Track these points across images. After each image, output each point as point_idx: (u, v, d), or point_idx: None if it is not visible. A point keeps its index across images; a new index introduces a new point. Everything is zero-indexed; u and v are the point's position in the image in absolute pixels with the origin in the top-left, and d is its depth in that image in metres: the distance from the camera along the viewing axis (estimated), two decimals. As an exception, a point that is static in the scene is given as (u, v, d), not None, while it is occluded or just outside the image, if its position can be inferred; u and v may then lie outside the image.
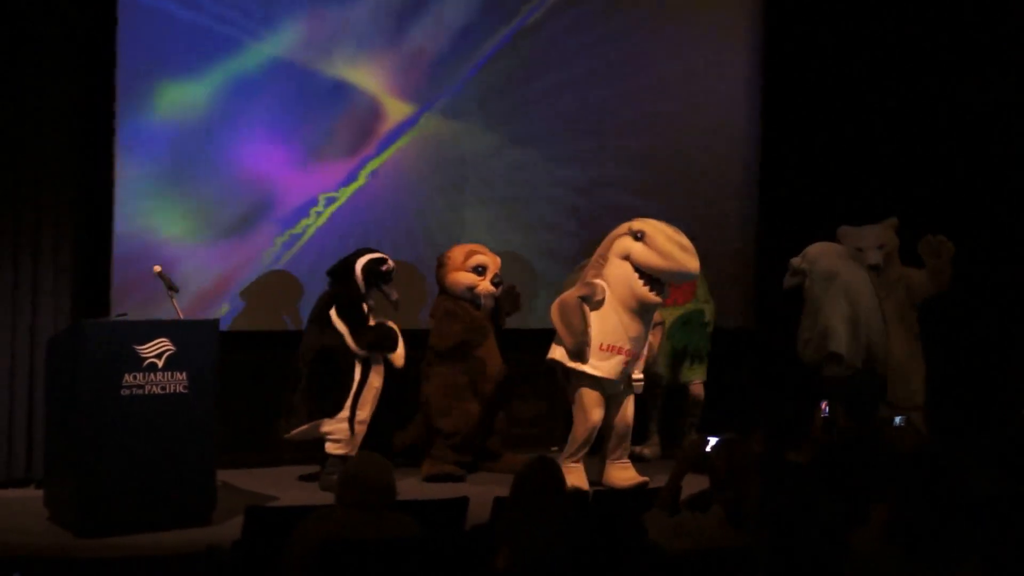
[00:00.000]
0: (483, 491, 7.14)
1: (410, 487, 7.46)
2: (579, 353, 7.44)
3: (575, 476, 7.32)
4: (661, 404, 8.94)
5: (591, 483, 7.48)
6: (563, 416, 8.35)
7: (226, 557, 4.91)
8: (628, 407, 7.69)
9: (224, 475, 7.12)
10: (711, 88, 9.61)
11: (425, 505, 5.26)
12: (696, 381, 8.86)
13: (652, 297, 7.38)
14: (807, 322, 8.43)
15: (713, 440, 4.77)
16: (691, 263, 7.36)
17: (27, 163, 7.48)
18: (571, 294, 7.52)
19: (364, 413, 7.59)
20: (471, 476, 8.01)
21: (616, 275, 7.45)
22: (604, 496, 6.57)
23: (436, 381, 8.11)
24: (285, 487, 7.51)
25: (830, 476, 5.32)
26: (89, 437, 6.31)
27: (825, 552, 3.75)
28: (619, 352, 7.44)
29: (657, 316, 7.76)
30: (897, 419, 7.01)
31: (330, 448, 7.54)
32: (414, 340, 8.05)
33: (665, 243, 7.31)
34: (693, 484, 4.95)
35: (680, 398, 8.93)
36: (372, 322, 7.69)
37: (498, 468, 8.07)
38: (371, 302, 7.74)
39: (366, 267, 7.66)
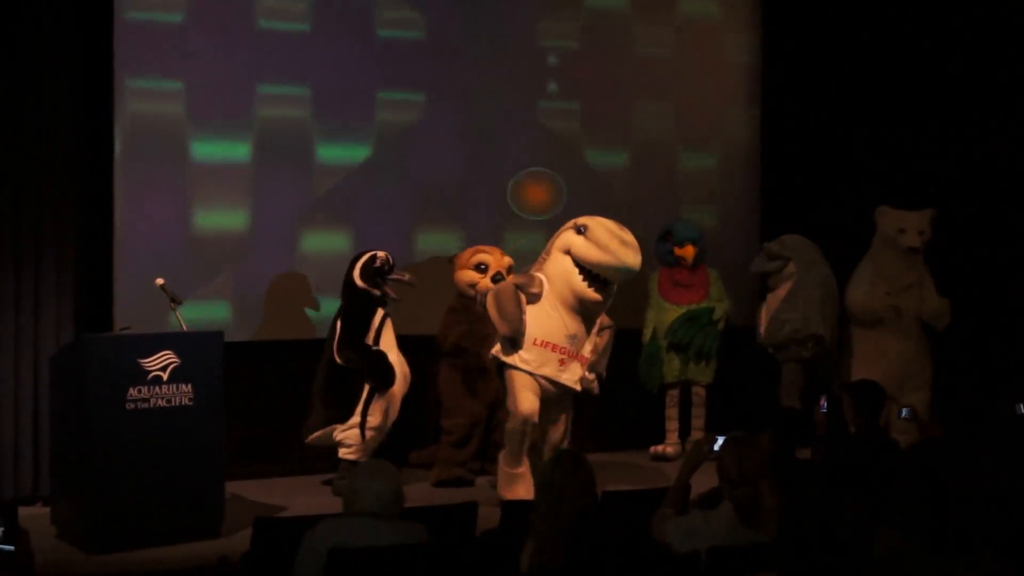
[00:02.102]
0: (492, 495, 7.15)
1: (419, 492, 7.44)
2: (514, 341, 7.16)
3: (520, 486, 7.01)
4: (678, 403, 8.92)
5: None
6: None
7: (236, 569, 4.91)
8: (564, 417, 7.39)
9: (232, 486, 7.11)
10: (710, 90, 9.59)
11: (434, 511, 5.25)
12: (700, 383, 8.87)
13: (590, 293, 7.10)
14: (785, 305, 8.64)
15: (721, 439, 4.75)
16: (629, 258, 7.05)
17: (27, 177, 7.46)
18: (506, 283, 7.37)
19: (375, 420, 7.57)
20: (479, 479, 7.99)
21: (556, 269, 7.18)
22: (612, 496, 6.55)
23: (440, 379, 8.16)
24: (294, 497, 7.48)
25: (840, 472, 5.32)
26: (95, 452, 6.29)
27: (847, 550, 3.73)
28: (554, 349, 7.17)
29: (605, 320, 7.44)
30: (904, 411, 6.99)
31: (342, 454, 7.56)
32: (423, 345, 8.12)
33: (605, 236, 7.03)
34: (702, 483, 4.94)
35: (687, 397, 8.96)
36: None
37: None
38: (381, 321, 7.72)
39: (362, 273, 7.66)
